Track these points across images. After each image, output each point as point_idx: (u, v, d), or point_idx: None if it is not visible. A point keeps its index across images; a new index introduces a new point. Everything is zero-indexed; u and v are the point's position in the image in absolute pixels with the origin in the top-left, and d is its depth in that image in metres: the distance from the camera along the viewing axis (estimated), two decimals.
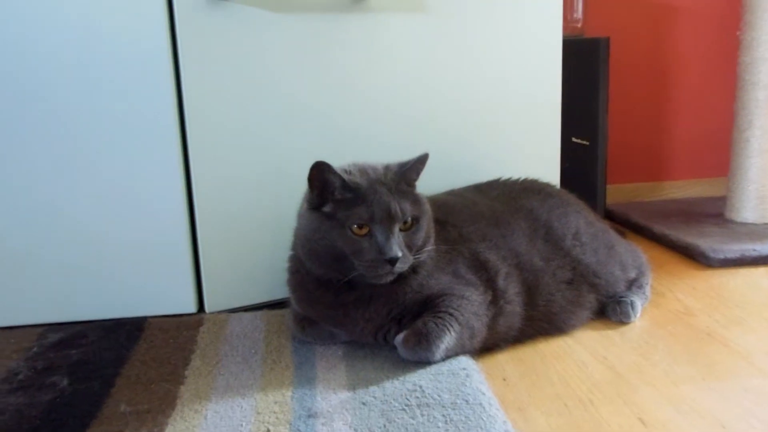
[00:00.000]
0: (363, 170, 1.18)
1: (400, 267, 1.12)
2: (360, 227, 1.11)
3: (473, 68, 1.56)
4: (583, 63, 1.93)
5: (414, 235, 1.15)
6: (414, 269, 1.17)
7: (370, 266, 1.11)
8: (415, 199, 1.18)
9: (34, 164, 1.33)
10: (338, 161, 1.25)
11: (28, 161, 1.33)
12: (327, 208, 1.14)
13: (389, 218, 1.11)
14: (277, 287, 1.39)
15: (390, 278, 1.13)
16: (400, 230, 1.13)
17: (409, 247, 1.14)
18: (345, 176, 1.13)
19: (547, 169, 1.67)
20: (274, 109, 1.41)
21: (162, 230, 1.39)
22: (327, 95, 1.45)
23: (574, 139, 1.99)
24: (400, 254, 1.10)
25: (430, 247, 1.19)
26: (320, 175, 1.12)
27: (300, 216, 1.21)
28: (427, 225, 1.18)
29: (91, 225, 1.36)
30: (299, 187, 1.23)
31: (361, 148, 1.45)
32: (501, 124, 1.61)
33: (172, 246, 1.40)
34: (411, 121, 1.53)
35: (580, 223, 1.38)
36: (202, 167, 1.37)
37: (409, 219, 1.15)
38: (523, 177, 1.52)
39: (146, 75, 1.32)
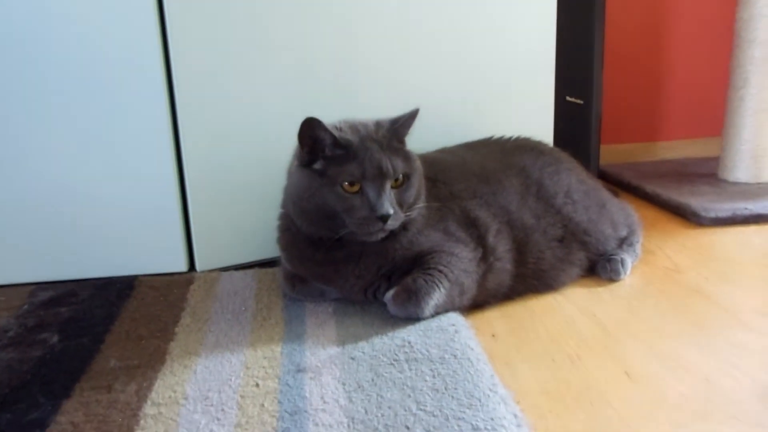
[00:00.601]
0: (354, 127, 1.16)
1: (392, 224, 1.11)
2: (351, 184, 1.10)
3: (466, 24, 1.54)
4: (578, 21, 1.90)
5: (405, 192, 1.15)
6: (404, 226, 1.16)
7: (361, 224, 1.10)
8: (407, 156, 1.17)
9: (23, 124, 1.31)
10: (329, 117, 1.23)
11: (17, 121, 1.31)
12: (317, 165, 1.12)
13: (381, 175, 1.11)
14: (269, 246, 1.38)
15: (381, 235, 1.13)
16: (392, 187, 1.13)
17: (400, 204, 1.13)
18: (336, 133, 1.12)
19: (541, 127, 1.65)
20: (264, 64, 1.39)
21: (152, 189, 1.38)
22: (318, 49, 1.43)
23: (568, 98, 1.97)
24: (391, 211, 1.09)
25: (421, 204, 1.18)
26: (311, 131, 1.10)
27: (290, 173, 1.20)
28: (418, 182, 1.17)
29: (81, 184, 1.36)
30: (290, 144, 1.22)
31: (351, 104, 1.44)
32: (494, 81, 1.60)
33: (162, 205, 1.39)
34: (403, 78, 1.51)
35: (572, 181, 1.38)
36: (190, 125, 1.36)
37: (401, 176, 1.14)
38: (515, 135, 1.50)
39: (131, 26, 1.30)
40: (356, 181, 1.10)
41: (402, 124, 1.18)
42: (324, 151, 1.12)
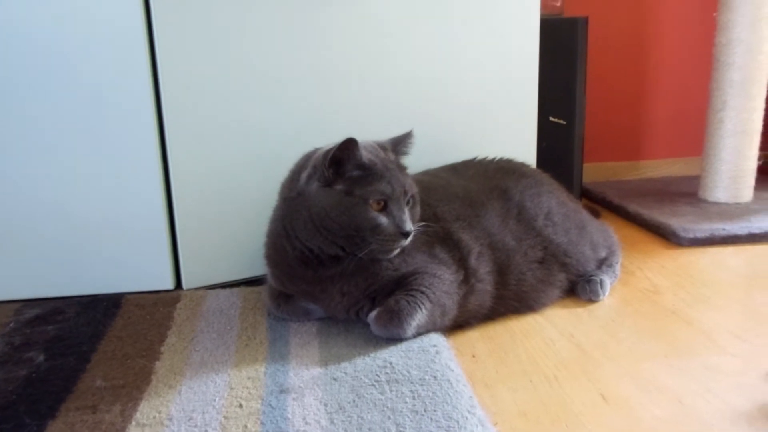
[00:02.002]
0: (367, 148, 1.18)
1: (409, 241, 1.16)
2: (378, 203, 1.13)
3: (450, 47, 1.57)
4: (562, 43, 1.94)
5: (413, 210, 1.20)
6: None
7: (386, 240, 1.14)
8: (409, 176, 1.22)
9: (11, 144, 1.33)
10: (315, 141, 1.26)
11: (4, 140, 1.32)
12: (339, 186, 1.14)
13: (403, 194, 1.16)
14: (255, 264, 1.41)
15: (396, 252, 1.17)
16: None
17: (412, 222, 1.17)
18: (364, 153, 1.14)
19: (524, 148, 1.68)
20: (251, 86, 1.41)
21: (139, 207, 1.40)
22: (305, 74, 1.45)
23: (551, 119, 2.00)
24: (413, 228, 1.15)
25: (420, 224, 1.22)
26: (349, 152, 1.11)
27: (306, 194, 1.16)
28: (419, 202, 1.22)
29: (69, 201, 1.37)
30: (276, 164, 1.25)
31: (337, 127, 1.46)
32: (478, 103, 1.63)
33: (149, 223, 1.41)
34: (388, 102, 1.54)
35: (552, 203, 1.41)
36: (178, 143, 1.38)
37: (411, 196, 1.18)
38: (499, 156, 1.53)
39: (121, 51, 1.32)
40: (383, 200, 1.13)
41: (404, 145, 1.24)
42: (347, 172, 1.14)
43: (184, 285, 1.44)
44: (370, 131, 1.30)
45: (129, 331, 1.23)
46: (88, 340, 1.19)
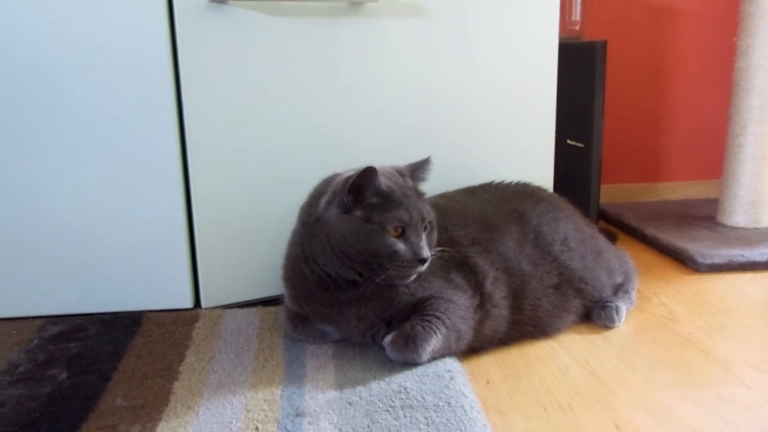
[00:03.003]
0: (385, 174, 1.20)
1: (426, 267, 1.17)
2: (396, 230, 1.15)
3: (469, 71, 1.59)
4: (580, 66, 1.95)
5: (431, 236, 1.21)
6: None
7: (403, 266, 1.15)
8: (426, 203, 1.23)
9: (35, 159, 1.36)
10: (333, 165, 1.28)
11: (29, 156, 1.36)
12: (358, 212, 1.15)
13: (421, 221, 1.17)
14: (273, 284, 1.43)
15: (413, 278, 1.18)
16: None
17: (429, 247, 1.18)
18: (383, 180, 1.16)
19: (542, 171, 1.69)
20: (271, 110, 1.44)
21: (160, 227, 1.42)
22: (323, 99, 1.48)
23: (569, 141, 2.01)
24: (430, 255, 1.16)
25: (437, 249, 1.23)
26: (369, 179, 1.13)
27: (325, 219, 1.18)
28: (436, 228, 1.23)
29: (92, 221, 1.40)
30: (296, 187, 1.27)
31: (355, 151, 1.48)
32: (496, 126, 1.64)
33: (170, 242, 1.43)
34: (406, 125, 1.56)
35: (569, 229, 1.41)
36: (200, 165, 1.41)
37: (428, 222, 1.20)
38: (516, 180, 1.54)
39: (146, 75, 1.35)
40: (401, 227, 1.15)
41: (422, 171, 1.25)
42: (366, 199, 1.15)
43: (203, 304, 1.47)
44: (388, 155, 1.32)
45: (149, 350, 1.25)
46: (109, 358, 1.22)
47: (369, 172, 1.12)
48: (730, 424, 1.02)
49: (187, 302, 1.46)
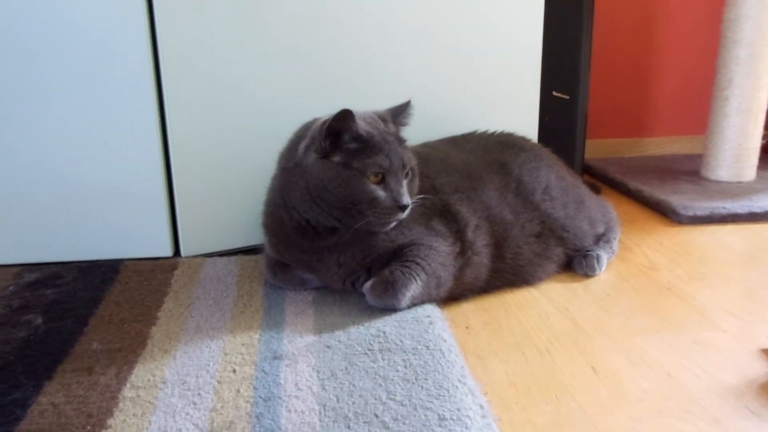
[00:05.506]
0: (365, 119, 1.17)
1: (406, 214, 1.16)
2: (376, 176, 1.13)
3: (453, 17, 1.56)
4: (567, 16, 1.91)
5: (412, 183, 1.19)
6: None
7: (383, 213, 1.14)
8: (408, 149, 1.21)
9: (11, 110, 1.33)
10: (313, 109, 1.26)
11: (4, 107, 1.32)
12: (337, 158, 1.13)
13: (402, 167, 1.15)
14: (253, 233, 1.41)
15: (393, 225, 1.17)
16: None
17: (410, 195, 1.17)
18: (361, 125, 1.13)
19: (526, 122, 1.68)
20: (250, 52, 1.41)
21: (138, 173, 1.40)
22: (303, 41, 1.44)
23: (554, 93, 1.99)
24: (410, 202, 1.14)
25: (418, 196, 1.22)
26: (345, 123, 1.11)
27: (303, 165, 1.16)
28: (417, 175, 1.22)
29: (69, 168, 1.38)
30: (276, 132, 1.25)
31: (336, 96, 1.45)
32: (480, 76, 1.62)
33: (148, 189, 1.41)
34: (388, 71, 1.53)
35: (551, 178, 1.41)
36: (177, 111, 1.38)
37: (410, 169, 1.18)
38: (499, 130, 1.53)
39: (119, 12, 1.31)
40: (381, 173, 1.13)
41: (404, 115, 1.23)
42: (345, 143, 1.13)
43: (183, 252, 1.45)
44: (370, 100, 1.29)
45: (126, 297, 1.24)
46: (86, 304, 1.20)
47: (345, 115, 1.09)
48: (705, 367, 1.03)
49: (167, 251, 1.45)
